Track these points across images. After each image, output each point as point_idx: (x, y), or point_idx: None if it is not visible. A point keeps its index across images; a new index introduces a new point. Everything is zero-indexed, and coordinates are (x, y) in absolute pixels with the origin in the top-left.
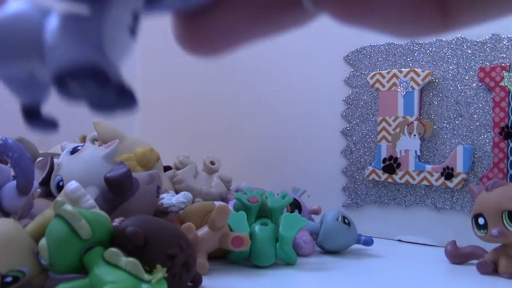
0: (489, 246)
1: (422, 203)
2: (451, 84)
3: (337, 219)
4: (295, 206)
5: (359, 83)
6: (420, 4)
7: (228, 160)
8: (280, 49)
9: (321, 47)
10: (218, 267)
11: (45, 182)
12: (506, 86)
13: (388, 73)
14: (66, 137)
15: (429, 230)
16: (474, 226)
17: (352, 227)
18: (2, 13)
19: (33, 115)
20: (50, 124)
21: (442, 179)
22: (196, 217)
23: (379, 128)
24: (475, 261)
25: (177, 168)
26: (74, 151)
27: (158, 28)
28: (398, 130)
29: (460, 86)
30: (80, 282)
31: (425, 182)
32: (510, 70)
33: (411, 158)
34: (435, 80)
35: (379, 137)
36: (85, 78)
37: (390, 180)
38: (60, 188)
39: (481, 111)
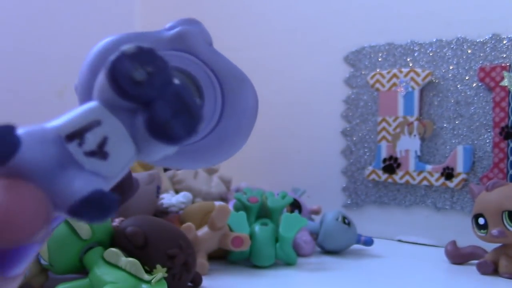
0: (489, 246)
1: (422, 203)
2: (451, 84)
3: (337, 219)
4: (295, 206)
5: (359, 83)
6: None
7: (228, 160)
8: (280, 49)
9: (321, 47)
10: (218, 267)
11: None
12: (506, 86)
13: (388, 73)
14: None
15: (429, 230)
16: (474, 226)
17: (352, 227)
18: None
19: None
20: None
21: (442, 179)
22: (196, 217)
23: (379, 128)
24: (475, 261)
25: (177, 168)
26: None
27: (158, 27)
28: (398, 130)
29: (460, 86)
30: (80, 282)
31: (425, 182)
32: (511, 70)
33: (411, 158)
34: (435, 80)
35: (379, 137)
36: None
37: (390, 180)
38: None
39: (481, 111)
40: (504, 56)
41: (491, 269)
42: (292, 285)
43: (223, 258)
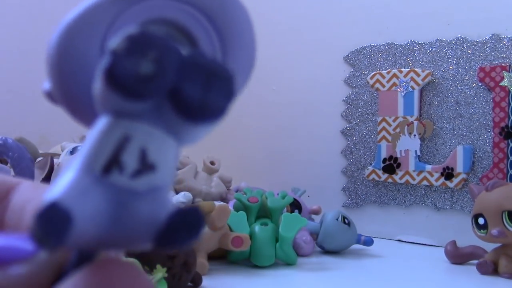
0: (489, 246)
1: (422, 203)
2: (451, 84)
3: (337, 219)
4: (295, 206)
5: (359, 83)
6: None
7: (228, 160)
8: (280, 49)
9: (321, 47)
10: (218, 267)
11: (45, 182)
12: (506, 86)
13: (388, 73)
14: (66, 137)
15: (429, 230)
16: (474, 226)
17: (352, 227)
18: None
19: None
20: None
21: (442, 179)
22: None
23: (379, 128)
24: (475, 261)
25: (177, 168)
26: (74, 151)
27: None
28: (398, 130)
29: (460, 86)
30: None
31: (425, 182)
32: (510, 70)
33: (411, 158)
34: (435, 80)
35: (379, 137)
36: None
37: (390, 180)
38: None
39: (481, 111)
40: (504, 56)
41: (491, 269)
42: (292, 285)
43: (223, 258)
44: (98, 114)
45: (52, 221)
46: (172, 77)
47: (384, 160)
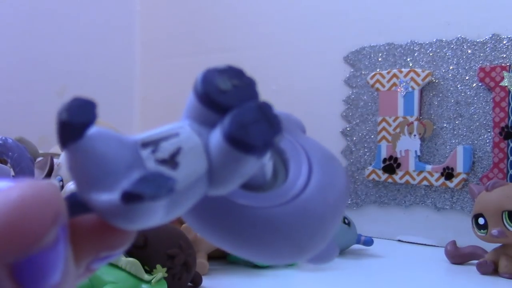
0: (489, 246)
1: (422, 203)
2: (451, 84)
3: None
4: None
5: (359, 83)
6: None
7: None
8: (280, 49)
9: (321, 47)
10: (218, 267)
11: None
12: (506, 86)
13: (388, 73)
14: None
15: (429, 230)
16: (474, 226)
17: (352, 227)
18: None
19: None
20: None
21: (442, 179)
22: None
23: (379, 128)
24: (475, 261)
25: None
26: None
27: (158, 28)
28: (398, 130)
29: (460, 86)
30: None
31: (425, 182)
32: (510, 70)
33: (411, 158)
34: (435, 80)
35: (379, 137)
36: None
37: (390, 180)
38: (60, 188)
39: (481, 111)
40: (504, 56)
41: (491, 269)
42: (292, 285)
43: (223, 258)
44: None
45: (80, 107)
46: (237, 101)
47: (384, 160)
